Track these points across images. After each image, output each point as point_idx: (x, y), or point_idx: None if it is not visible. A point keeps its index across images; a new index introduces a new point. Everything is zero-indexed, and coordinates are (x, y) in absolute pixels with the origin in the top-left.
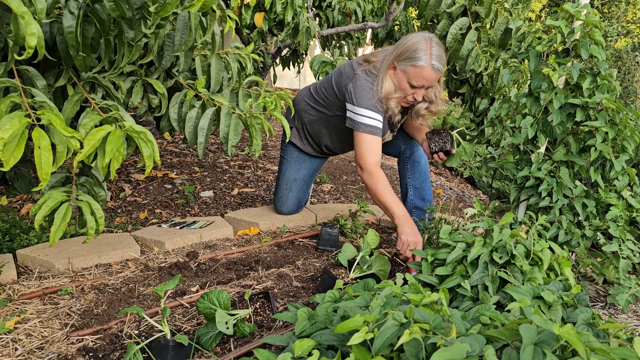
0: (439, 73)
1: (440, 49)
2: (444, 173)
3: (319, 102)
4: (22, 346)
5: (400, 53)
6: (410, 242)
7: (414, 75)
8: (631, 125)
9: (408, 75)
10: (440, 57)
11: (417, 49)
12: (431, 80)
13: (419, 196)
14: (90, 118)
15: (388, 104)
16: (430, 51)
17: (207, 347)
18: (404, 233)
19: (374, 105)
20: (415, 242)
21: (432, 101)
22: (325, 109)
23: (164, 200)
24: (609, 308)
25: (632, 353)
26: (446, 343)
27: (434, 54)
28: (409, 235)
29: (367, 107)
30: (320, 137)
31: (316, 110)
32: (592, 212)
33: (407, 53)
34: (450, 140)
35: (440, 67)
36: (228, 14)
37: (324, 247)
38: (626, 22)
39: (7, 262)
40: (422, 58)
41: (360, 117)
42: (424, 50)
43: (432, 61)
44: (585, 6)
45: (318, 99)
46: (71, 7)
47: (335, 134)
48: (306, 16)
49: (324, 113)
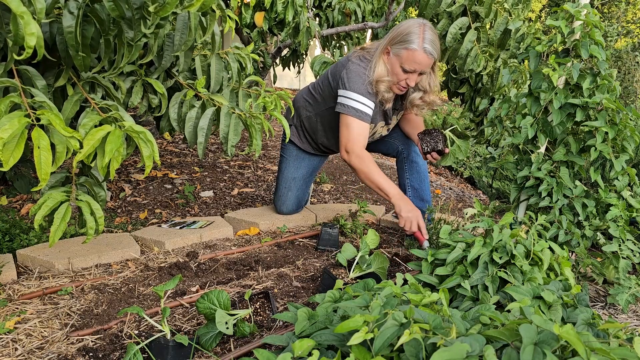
0: (432, 58)
1: (433, 34)
2: (443, 173)
3: (315, 97)
4: (22, 346)
5: (393, 37)
6: (412, 217)
7: (407, 59)
8: (631, 125)
9: (401, 58)
10: (433, 41)
11: (410, 32)
12: (423, 64)
13: (418, 196)
14: (90, 118)
15: (378, 87)
16: (423, 35)
17: (207, 347)
18: (402, 210)
19: (365, 90)
20: (416, 216)
21: (426, 90)
22: (321, 103)
23: (164, 200)
24: (609, 308)
25: (632, 353)
26: (446, 343)
27: (427, 38)
28: (408, 211)
29: (358, 91)
30: (317, 132)
31: (312, 105)
32: (592, 212)
33: (400, 37)
34: (442, 140)
35: (432, 52)
36: (228, 13)
37: (324, 247)
38: (626, 22)
39: (7, 262)
40: (414, 41)
41: (350, 100)
42: (417, 34)
43: (425, 44)
44: (585, 6)
45: (315, 94)
46: (71, 7)
47: (330, 129)
48: (307, 16)
49: (319, 107)
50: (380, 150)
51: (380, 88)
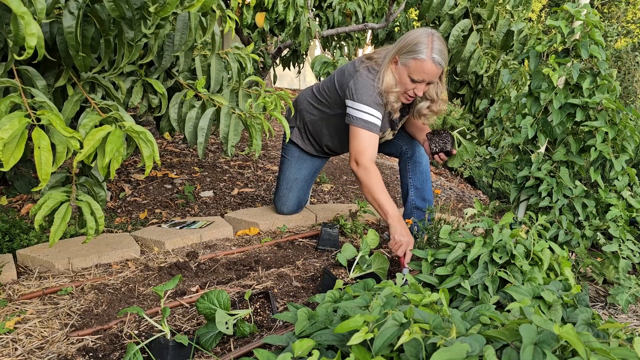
0: (440, 68)
1: (442, 44)
2: (443, 173)
3: (320, 102)
4: (22, 346)
5: (401, 47)
6: (404, 242)
7: (415, 69)
8: (631, 125)
9: (409, 68)
10: (441, 51)
11: (418, 42)
12: (432, 74)
13: (420, 196)
14: (90, 118)
15: (388, 98)
16: (432, 45)
17: (207, 347)
18: (397, 233)
19: (373, 101)
20: (408, 242)
21: (434, 100)
22: (326, 108)
23: (164, 200)
24: (609, 308)
25: (632, 353)
26: (446, 343)
27: (436, 48)
28: (402, 236)
29: (367, 103)
30: (322, 136)
31: (318, 109)
32: (592, 212)
33: (408, 47)
34: (450, 141)
35: (441, 62)
36: (228, 14)
37: (324, 247)
38: (626, 22)
39: (7, 262)
40: (423, 51)
41: (359, 112)
42: (425, 44)
43: (433, 54)
44: (585, 6)
45: (320, 98)
46: (71, 7)
47: (336, 134)
48: (307, 16)
49: (325, 112)
50: (383, 151)
51: (390, 99)
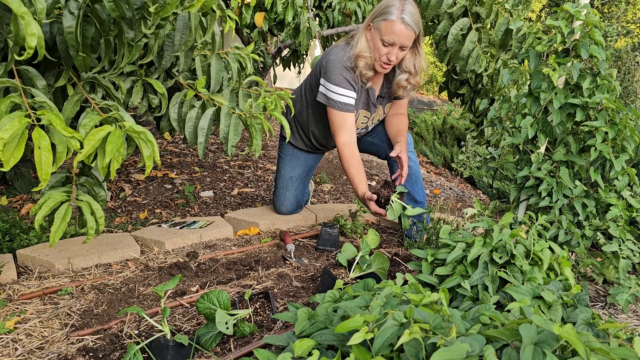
0: (410, 29)
1: (413, 8)
2: (443, 173)
3: (304, 90)
4: (22, 346)
5: (374, 12)
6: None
7: (385, 30)
8: (631, 125)
9: (380, 31)
10: (412, 14)
11: (389, 5)
12: (402, 35)
13: (411, 199)
14: (90, 118)
15: (357, 63)
16: (403, 7)
17: (207, 347)
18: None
19: (344, 80)
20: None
21: (411, 72)
22: (309, 93)
23: (164, 200)
24: (609, 308)
25: (632, 353)
26: (446, 343)
27: (406, 10)
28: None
29: (337, 83)
30: (308, 125)
31: (304, 96)
32: (592, 212)
33: (380, 10)
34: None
35: (410, 23)
36: (228, 13)
37: (324, 247)
38: (626, 22)
39: (7, 262)
40: (393, 12)
41: (331, 93)
42: (396, 7)
43: (403, 15)
44: (585, 6)
45: (305, 86)
46: (71, 7)
47: (321, 120)
48: (307, 16)
49: (307, 98)
50: (370, 152)
51: (359, 64)
